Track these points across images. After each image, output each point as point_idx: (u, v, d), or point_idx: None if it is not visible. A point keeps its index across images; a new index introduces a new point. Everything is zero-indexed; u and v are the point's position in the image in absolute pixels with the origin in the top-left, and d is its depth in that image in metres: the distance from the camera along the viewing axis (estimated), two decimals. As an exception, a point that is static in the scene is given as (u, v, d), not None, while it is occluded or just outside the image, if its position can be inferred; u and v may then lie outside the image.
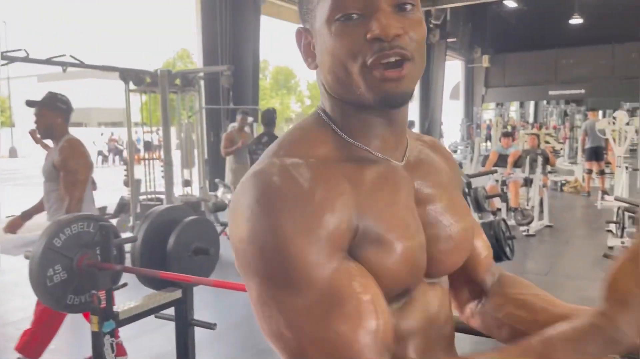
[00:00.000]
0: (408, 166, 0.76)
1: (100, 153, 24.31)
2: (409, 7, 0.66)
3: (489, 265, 0.88)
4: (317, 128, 0.73)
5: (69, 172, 2.57)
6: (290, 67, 45.26)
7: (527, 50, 21.89)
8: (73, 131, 2.93)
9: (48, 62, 4.60)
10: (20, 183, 15.13)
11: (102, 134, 28.56)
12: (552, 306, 0.82)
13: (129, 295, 2.15)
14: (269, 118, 5.42)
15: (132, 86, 5.79)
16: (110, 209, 6.55)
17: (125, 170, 6.43)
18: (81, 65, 4.94)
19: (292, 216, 0.60)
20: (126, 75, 5.56)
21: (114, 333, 1.96)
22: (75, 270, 1.97)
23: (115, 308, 1.96)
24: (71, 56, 4.77)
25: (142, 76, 5.80)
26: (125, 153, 25.20)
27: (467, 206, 0.83)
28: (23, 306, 4.22)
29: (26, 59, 4.39)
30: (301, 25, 0.73)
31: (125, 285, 2.07)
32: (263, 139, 5.33)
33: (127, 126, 5.95)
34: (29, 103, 2.79)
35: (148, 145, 6.44)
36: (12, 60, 4.41)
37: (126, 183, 6.26)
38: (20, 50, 4.30)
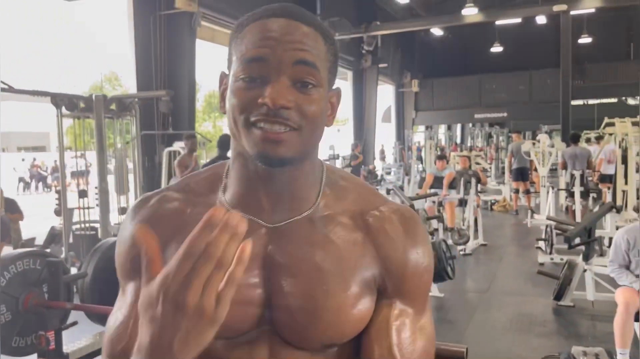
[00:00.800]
0: (279, 229, 0.75)
1: (21, 179, 22.93)
2: (309, 86, 0.71)
3: None
4: (217, 172, 0.82)
5: None
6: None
7: (453, 76, 22.97)
8: None
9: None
10: None
11: (23, 159, 26.97)
12: None
13: (79, 334, 2.03)
14: (224, 142, 5.54)
15: (64, 111, 5.54)
16: (40, 240, 6.18)
17: (57, 198, 6.11)
18: (10, 90, 4.69)
19: (125, 234, 0.79)
20: (59, 100, 5.32)
21: (64, 377, 1.84)
22: (21, 310, 1.84)
23: (65, 349, 1.85)
24: (2, 81, 4.51)
25: (75, 101, 5.57)
26: (49, 180, 23.95)
27: (359, 285, 0.74)
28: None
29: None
30: (225, 71, 0.78)
31: (75, 323, 1.96)
32: (218, 162, 5.44)
33: (59, 151, 5.67)
34: None
35: (82, 173, 6.17)
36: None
37: (58, 212, 5.95)
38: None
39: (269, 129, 0.69)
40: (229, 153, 0.82)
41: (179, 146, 7.96)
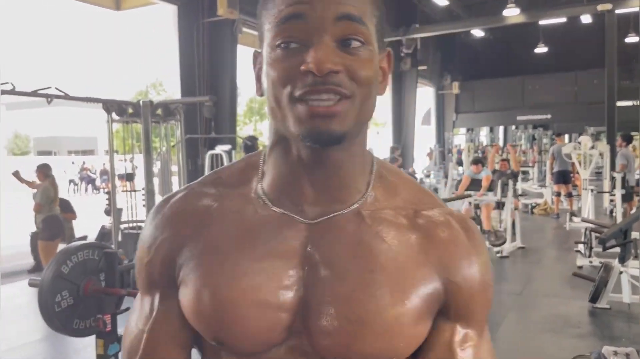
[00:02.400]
0: (323, 224, 0.66)
1: (71, 181, 23.98)
2: (357, 44, 0.61)
3: None
4: (253, 161, 0.73)
5: None
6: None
7: (495, 77, 22.66)
8: (43, 159, 3.03)
9: (34, 94, 4.68)
10: (-8, 213, 14.83)
11: (73, 163, 28.18)
12: None
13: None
14: (250, 146, 5.92)
15: (114, 116, 5.89)
16: (91, 238, 6.56)
17: (107, 199, 6.47)
18: (66, 97, 5.04)
19: (142, 238, 0.72)
20: (109, 106, 5.66)
21: (118, 356, 2.05)
22: (82, 295, 2.06)
23: (120, 331, 2.06)
24: (56, 88, 4.86)
25: (124, 107, 5.90)
26: (97, 182, 24.94)
27: (414, 294, 0.64)
28: (8, 336, 4.23)
29: (13, 92, 4.47)
30: (258, 50, 0.69)
31: (128, 309, 2.17)
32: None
33: (109, 154, 6.03)
34: None
35: (130, 176, 6.50)
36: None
37: (107, 212, 6.30)
38: (7, 83, 4.38)
39: (318, 101, 0.59)
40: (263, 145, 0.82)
41: (221, 149, 8.27)
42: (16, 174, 3.91)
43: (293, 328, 0.64)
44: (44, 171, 5.54)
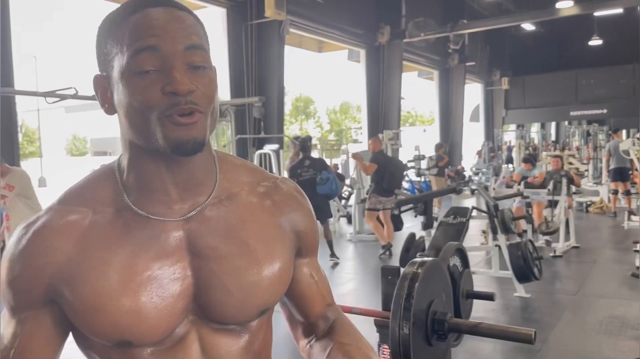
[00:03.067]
0: (194, 219, 0.78)
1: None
2: (201, 68, 0.73)
3: (322, 312, 0.93)
4: (104, 177, 0.80)
5: None
6: (309, 95, 45.82)
7: (547, 72, 21.97)
8: (100, 160, 3.15)
9: (94, 98, 4.89)
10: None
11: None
12: None
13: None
14: (306, 145, 6.07)
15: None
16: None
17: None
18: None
19: (10, 262, 0.76)
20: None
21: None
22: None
23: None
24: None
25: (177, 108, 6.10)
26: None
27: (279, 250, 0.83)
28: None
29: (76, 96, 4.70)
30: (99, 73, 0.77)
31: None
32: (306, 162, 6.14)
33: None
34: None
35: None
36: (63, 97, 4.72)
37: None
38: (70, 88, 4.61)
39: (182, 116, 0.70)
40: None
41: (269, 149, 8.40)
42: None
43: (189, 309, 0.78)
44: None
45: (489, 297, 2.06)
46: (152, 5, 0.73)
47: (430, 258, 1.77)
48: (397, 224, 7.08)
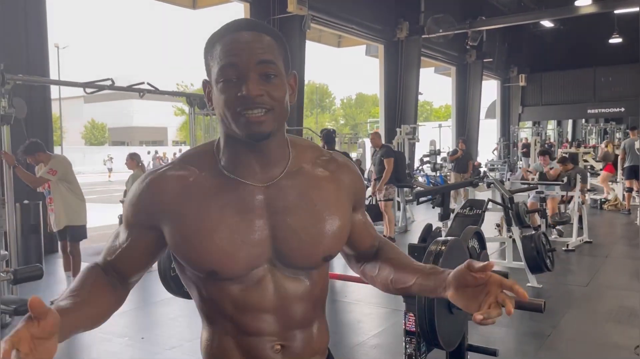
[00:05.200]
0: (273, 186, 1.01)
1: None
2: (272, 77, 0.95)
3: (372, 242, 1.21)
4: (206, 150, 1.05)
5: None
6: (326, 86, 45.91)
7: (565, 69, 21.93)
8: (117, 149, 3.38)
9: (130, 89, 5.17)
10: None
11: (148, 152, 29.68)
12: (411, 264, 1.14)
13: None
14: (330, 137, 6.32)
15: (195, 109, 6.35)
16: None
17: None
18: (156, 91, 5.51)
19: (131, 194, 1.04)
20: (192, 99, 6.11)
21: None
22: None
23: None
24: (148, 83, 5.34)
25: (204, 100, 6.35)
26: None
27: (340, 209, 1.06)
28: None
29: (112, 87, 4.97)
30: (206, 79, 1.02)
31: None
32: None
33: (191, 144, 6.51)
34: None
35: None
36: (102, 88, 4.99)
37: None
38: (107, 79, 4.88)
39: (251, 114, 0.93)
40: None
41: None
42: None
43: (264, 257, 1.00)
44: (135, 159, 6.06)
45: (503, 275, 2.28)
46: (243, 29, 0.97)
47: (453, 237, 1.99)
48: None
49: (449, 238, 1.96)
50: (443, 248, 1.93)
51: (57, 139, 37.75)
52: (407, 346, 2.09)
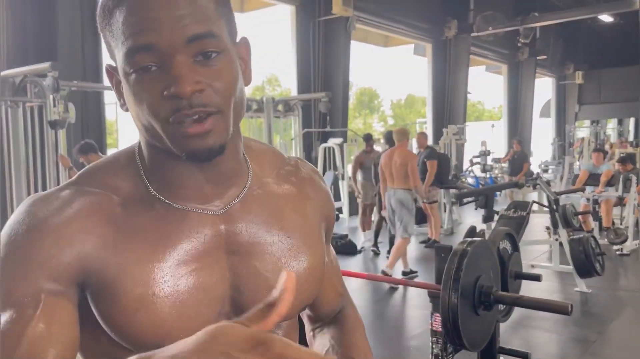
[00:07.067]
0: (230, 214, 0.70)
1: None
2: (213, 54, 0.61)
3: (335, 302, 0.91)
4: (123, 165, 0.70)
5: None
6: (373, 88, 45.77)
7: (625, 65, 20.94)
8: None
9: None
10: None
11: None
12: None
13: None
14: (390, 138, 6.27)
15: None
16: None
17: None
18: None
19: (15, 249, 0.62)
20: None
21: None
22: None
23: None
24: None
25: (249, 103, 6.50)
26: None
27: (317, 241, 0.78)
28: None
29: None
30: (111, 63, 0.66)
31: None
32: None
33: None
34: None
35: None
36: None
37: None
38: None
39: (190, 126, 0.60)
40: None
41: (333, 142, 8.69)
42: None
43: (225, 311, 0.69)
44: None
45: (535, 278, 2.23)
46: None
47: (479, 239, 1.97)
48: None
49: (475, 239, 1.94)
50: (468, 248, 1.92)
51: (114, 142, 39.31)
52: (434, 347, 2.08)
